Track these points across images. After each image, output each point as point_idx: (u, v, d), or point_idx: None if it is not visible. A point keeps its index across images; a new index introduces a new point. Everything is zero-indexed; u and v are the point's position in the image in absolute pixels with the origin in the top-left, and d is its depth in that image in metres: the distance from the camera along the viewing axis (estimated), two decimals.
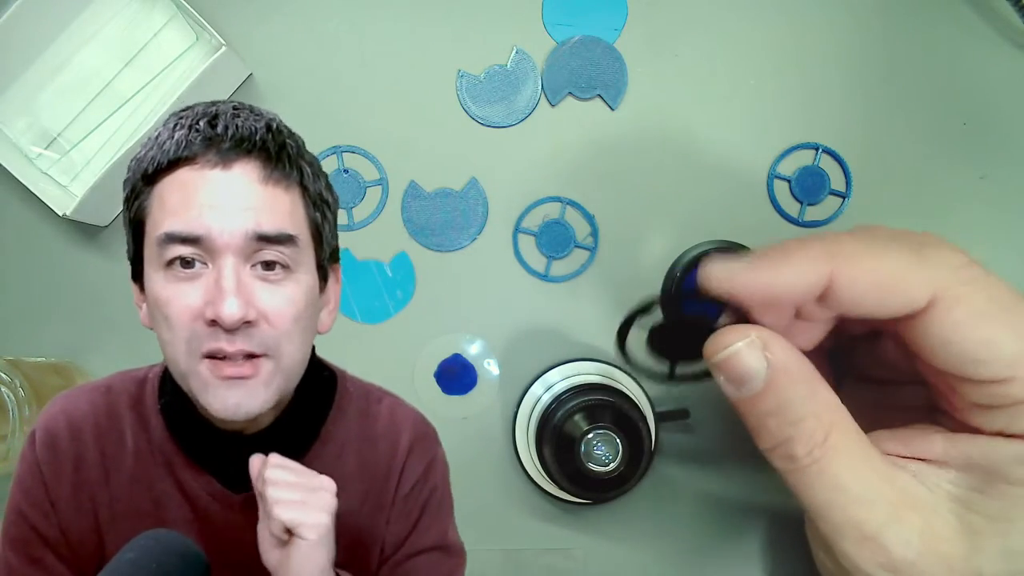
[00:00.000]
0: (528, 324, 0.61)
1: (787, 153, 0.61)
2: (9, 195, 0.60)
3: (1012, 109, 0.61)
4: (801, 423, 0.34)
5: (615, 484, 0.54)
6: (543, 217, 0.61)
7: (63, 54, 0.60)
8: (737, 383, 0.35)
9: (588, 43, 0.61)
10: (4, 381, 0.53)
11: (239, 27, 0.60)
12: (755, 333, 0.34)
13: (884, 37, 0.61)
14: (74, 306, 0.61)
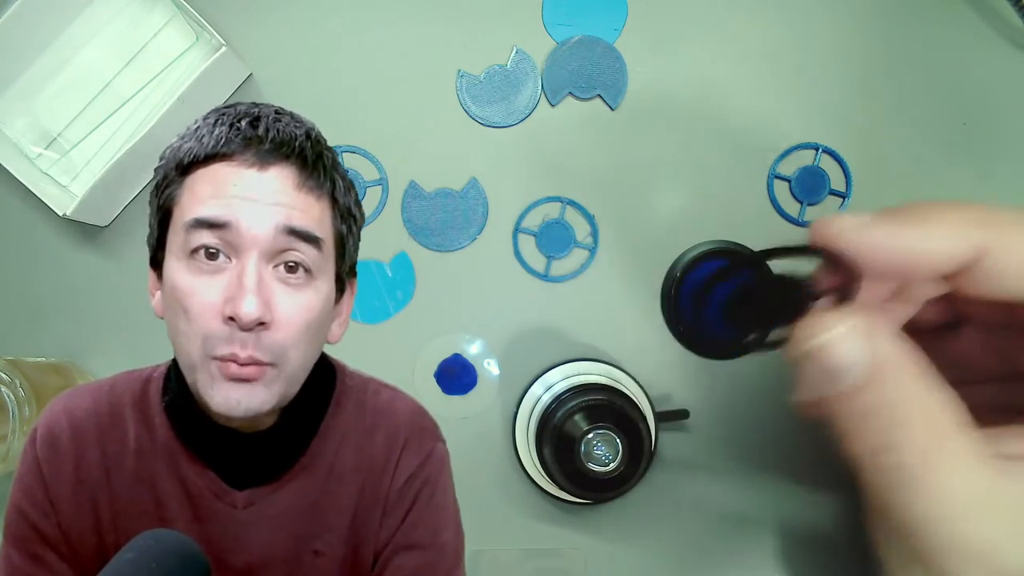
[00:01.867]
0: (528, 324, 0.61)
1: (787, 153, 0.61)
2: (9, 195, 0.60)
3: (1012, 109, 0.61)
4: (911, 425, 0.29)
5: (615, 484, 0.54)
6: (543, 217, 0.61)
7: (63, 54, 0.60)
8: (832, 376, 0.30)
9: (588, 43, 0.61)
10: (4, 381, 0.53)
11: (239, 27, 0.60)
12: (856, 319, 0.30)
13: (884, 37, 0.61)
14: (74, 306, 0.61)
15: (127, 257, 0.61)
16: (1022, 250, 0.30)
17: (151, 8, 0.60)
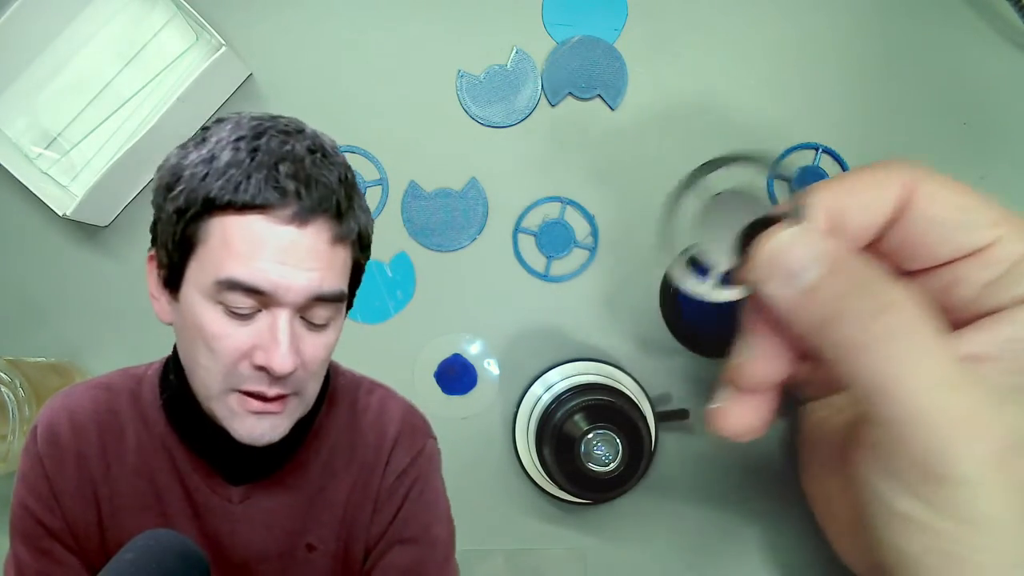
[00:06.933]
0: (528, 324, 0.61)
1: (787, 153, 0.61)
2: (9, 195, 0.60)
3: (1012, 109, 0.61)
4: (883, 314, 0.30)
5: (615, 484, 0.54)
6: (543, 217, 0.61)
7: (63, 54, 0.60)
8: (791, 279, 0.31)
9: (588, 43, 0.61)
10: (4, 381, 0.54)
11: (239, 27, 0.60)
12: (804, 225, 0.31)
13: (884, 37, 0.61)
14: (74, 306, 0.61)
15: (127, 257, 0.61)
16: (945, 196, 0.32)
17: (151, 8, 0.60)
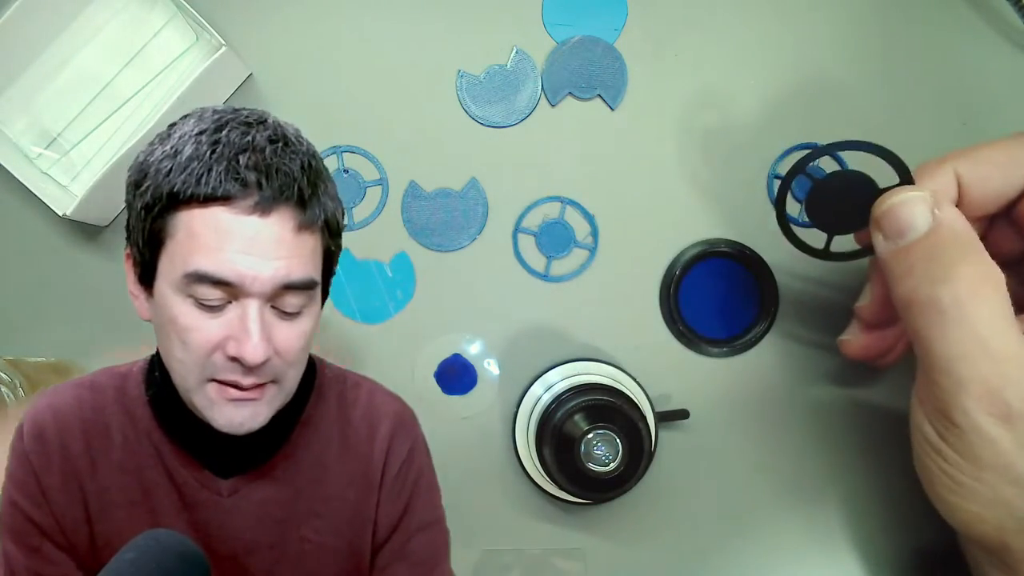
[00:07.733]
0: (528, 324, 0.61)
1: (787, 153, 0.61)
2: (9, 195, 0.60)
3: (1012, 109, 0.61)
4: (954, 268, 0.35)
5: (615, 484, 0.54)
6: (543, 217, 0.61)
7: (63, 54, 0.60)
8: (896, 234, 0.38)
9: (588, 43, 0.61)
10: (4, 381, 0.54)
11: (239, 27, 0.60)
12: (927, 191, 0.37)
13: (883, 37, 0.61)
14: (74, 306, 0.61)
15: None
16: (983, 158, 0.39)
17: (151, 8, 0.60)
